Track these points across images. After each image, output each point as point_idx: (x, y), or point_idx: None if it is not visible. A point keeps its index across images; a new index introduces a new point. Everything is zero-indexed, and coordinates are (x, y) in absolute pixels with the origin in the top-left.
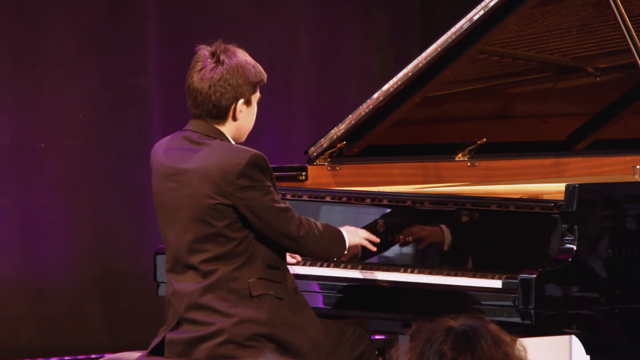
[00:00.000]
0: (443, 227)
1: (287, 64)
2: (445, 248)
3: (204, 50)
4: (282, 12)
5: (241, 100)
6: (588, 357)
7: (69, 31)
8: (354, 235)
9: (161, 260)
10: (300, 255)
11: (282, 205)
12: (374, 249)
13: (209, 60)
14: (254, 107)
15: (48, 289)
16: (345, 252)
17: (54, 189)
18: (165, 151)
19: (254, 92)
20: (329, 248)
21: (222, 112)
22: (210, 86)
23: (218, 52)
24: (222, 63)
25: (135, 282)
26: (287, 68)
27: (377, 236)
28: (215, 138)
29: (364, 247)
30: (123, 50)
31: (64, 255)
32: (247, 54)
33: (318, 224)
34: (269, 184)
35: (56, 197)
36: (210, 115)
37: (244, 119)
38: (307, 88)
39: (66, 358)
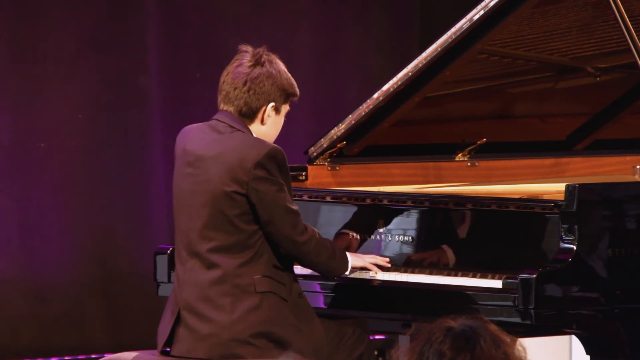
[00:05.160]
0: (443, 227)
1: (286, 64)
2: (446, 248)
3: (247, 50)
4: (282, 12)
5: (272, 104)
6: (588, 357)
7: (69, 31)
8: (359, 259)
9: (161, 260)
10: (300, 263)
11: (293, 207)
12: (379, 271)
13: (250, 59)
14: (281, 118)
15: (48, 289)
16: (347, 273)
17: (54, 189)
18: (189, 139)
19: (285, 102)
20: (328, 262)
21: (252, 112)
22: (246, 82)
23: (261, 53)
24: (263, 65)
25: (135, 282)
26: (287, 68)
27: (377, 236)
28: (239, 130)
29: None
30: (123, 50)
31: (64, 255)
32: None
33: (324, 238)
34: (283, 181)
35: (56, 197)
36: (239, 113)
37: (270, 125)
38: (307, 88)
39: (66, 358)
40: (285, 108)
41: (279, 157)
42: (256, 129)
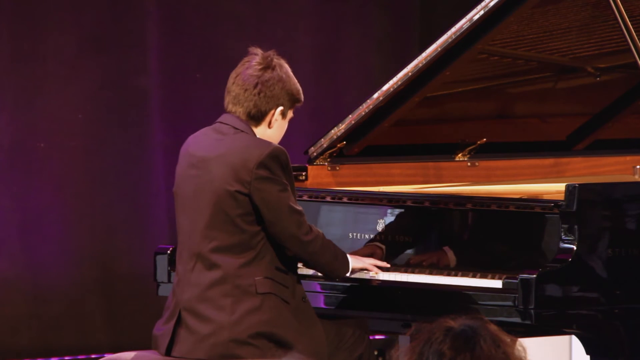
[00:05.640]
0: (443, 227)
1: (287, 64)
2: (446, 248)
3: (257, 53)
4: (282, 12)
5: (280, 108)
6: (588, 357)
7: (69, 31)
8: (359, 261)
9: (161, 260)
10: (305, 263)
11: (297, 207)
12: (379, 271)
13: (260, 62)
14: (286, 124)
15: (48, 289)
16: (348, 274)
17: (54, 189)
18: (193, 143)
19: (291, 107)
20: (332, 263)
21: (260, 115)
22: (257, 84)
23: (271, 57)
24: (274, 68)
25: (135, 282)
26: None
27: (378, 236)
28: (243, 132)
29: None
30: (123, 50)
31: (64, 255)
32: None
33: (327, 239)
34: (286, 182)
35: (56, 197)
36: (247, 115)
37: (275, 129)
38: (307, 88)
39: (66, 358)
40: (290, 114)
41: (282, 157)
42: (262, 131)
